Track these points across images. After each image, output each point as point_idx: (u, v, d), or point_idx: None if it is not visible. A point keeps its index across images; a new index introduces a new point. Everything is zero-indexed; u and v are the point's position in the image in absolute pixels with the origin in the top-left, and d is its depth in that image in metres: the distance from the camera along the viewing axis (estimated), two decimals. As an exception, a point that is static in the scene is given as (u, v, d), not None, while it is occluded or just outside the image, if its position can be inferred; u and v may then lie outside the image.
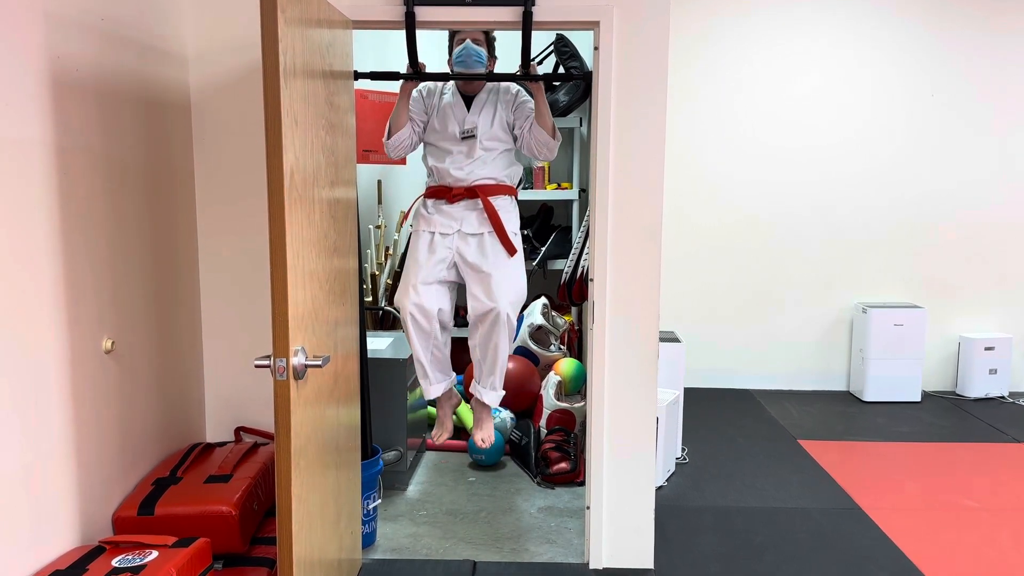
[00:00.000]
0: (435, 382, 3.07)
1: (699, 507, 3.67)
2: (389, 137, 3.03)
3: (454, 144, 2.93)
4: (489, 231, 2.89)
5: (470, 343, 3.04)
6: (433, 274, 2.92)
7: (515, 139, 3.04)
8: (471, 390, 3.11)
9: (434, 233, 2.94)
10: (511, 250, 2.89)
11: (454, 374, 3.19)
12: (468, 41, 2.89)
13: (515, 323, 2.95)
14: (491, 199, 2.90)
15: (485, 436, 3.14)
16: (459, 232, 2.92)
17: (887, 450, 4.47)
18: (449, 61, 3.02)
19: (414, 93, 3.02)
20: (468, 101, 3.00)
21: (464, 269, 2.93)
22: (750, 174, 5.51)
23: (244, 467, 2.84)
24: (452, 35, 3.00)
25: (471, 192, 2.89)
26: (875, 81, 5.41)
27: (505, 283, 2.90)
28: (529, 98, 3.04)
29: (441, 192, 2.93)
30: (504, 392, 3.09)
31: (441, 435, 3.19)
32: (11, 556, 2.11)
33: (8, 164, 2.10)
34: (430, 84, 3.08)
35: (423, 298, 2.89)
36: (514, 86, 3.06)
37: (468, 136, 2.91)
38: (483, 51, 2.93)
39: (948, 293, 5.59)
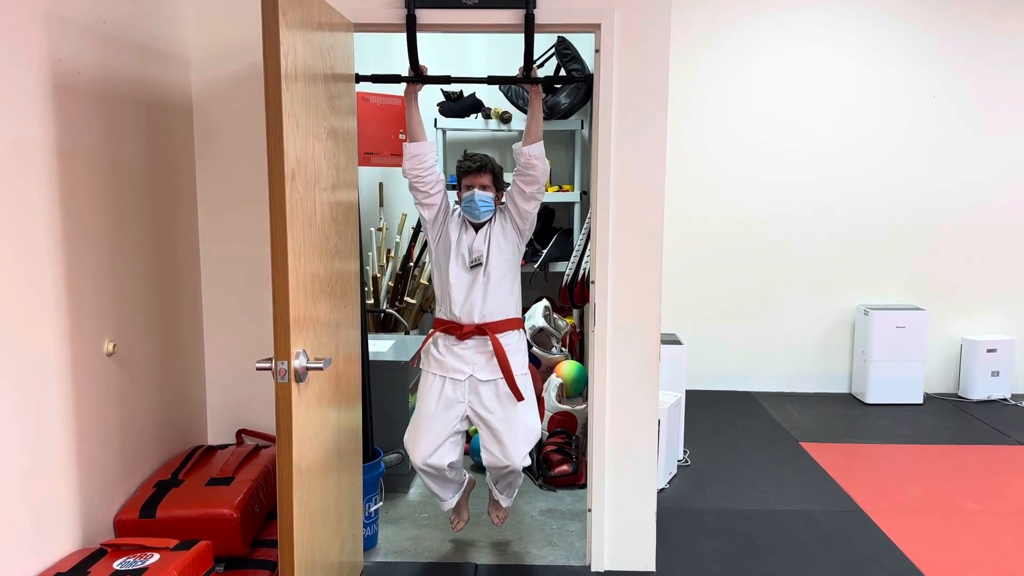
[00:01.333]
0: (446, 498, 3.11)
1: (701, 509, 3.67)
2: (409, 143, 2.94)
3: (462, 272, 2.90)
4: (501, 377, 2.89)
5: (487, 475, 3.09)
6: (445, 432, 2.92)
7: (516, 215, 2.95)
8: (488, 483, 3.14)
9: (445, 378, 2.93)
10: (519, 398, 2.90)
11: (467, 476, 3.19)
12: (475, 190, 2.85)
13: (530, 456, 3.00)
14: (500, 336, 2.88)
15: (500, 515, 3.20)
16: (471, 378, 2.91)
17: (889, 452, 4.47)
18: (458, 198, 2.95)
19: (442, 186, 2.96)
20: (476, 227, 2.96)
21: (476, 420, 2.94)
22: (751, 175, 5.51)
23: (245, 470, 2.84)
24: (460, 172, 2.93)
25: (480, 330, 2.88)
26: (876, 82, 5.41)
27: (519, 436, 2.90)
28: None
29: (452, 329, 2.91)
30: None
31: (458, 524, 3.20)
32: (13, 558, 2.11)
33: (9, 166, 2.10)
34: (451, 202, 3.02)
35: (435, 457, 2.91)
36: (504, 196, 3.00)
37: (475, 264, 2.89)
38: (490, 197, 2.88)
39: (950, 295, 5.58)
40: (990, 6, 5.33)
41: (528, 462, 2.93)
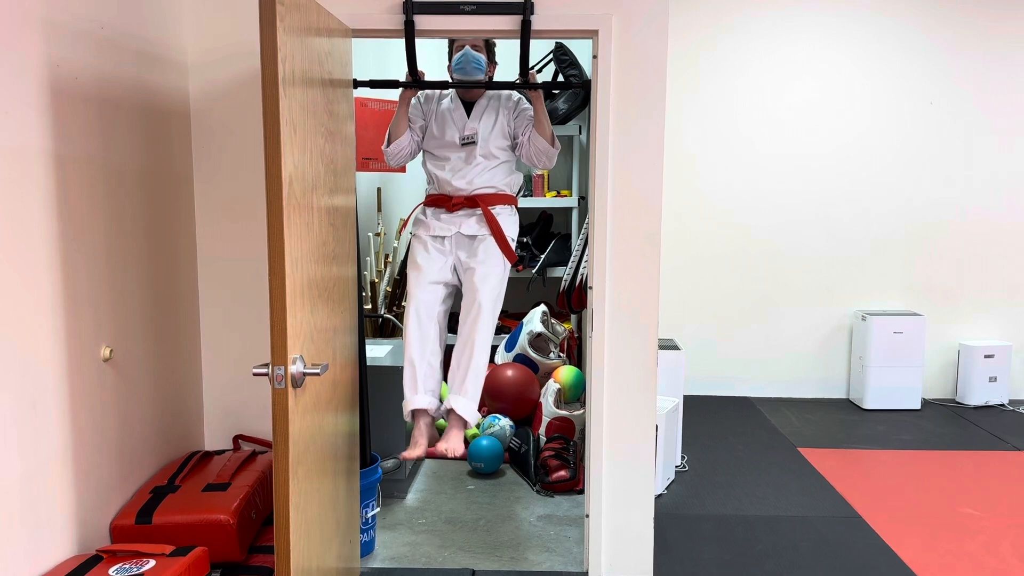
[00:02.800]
0: (422, 391, 2.97)
1: (699, 515, 3.66)
2: (388, 145, 3.04)
3: (454, 151, 2.93)
4: (487, 234, 2.89)
5: (455, 349, 3.02)
6: (433, 274, 2.94)
7: (515, 147, 3.04)
8: (446, 402, 3.01)
9: (433, 237, 2.94)
10: (510, 256, 2.88)
11: (440, 400, 3.11)
12: (467, 48, 2.90)
13: (493, 323, 2.96)
14: (491, 208, 2.89)
15: (450, 447, 2.95)
16: (457, 234, 2.92)
17: (887, 458, 4.46)
18: (449, 67, 3.02)
19: (413, 100, 3.02)
20: (468, 107, 3.00)
21: (460, 271, 2.94)
22: (749, 181, 5.52)
23: (242, 475, 2.83)
24: (452, 41, 3.00)
25: (471, 201, 2.89)
26: (873, 88, 5.43)
27: (490, 278, 2.91)
28: (529, 106, 3.05)
29: (441, 201, 2.93)
30: (479, 411, 3.02)
31: (414, 450, 2.98)
32: (9, 564, 2.10)
33: (7, 172, 2.10)
34: (429, 91, 3.08)
35: (426, 294, 2.91)
36: (515, 94, 3.07)
37: (468, 142, 2.90)
38: (482, 57, 2.93)
39: (948, 300, 5.59)
40: (988, 12, 5.35)
41: (490, 308, 2.90)
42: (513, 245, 2.96)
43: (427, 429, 3.02)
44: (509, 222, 2.98)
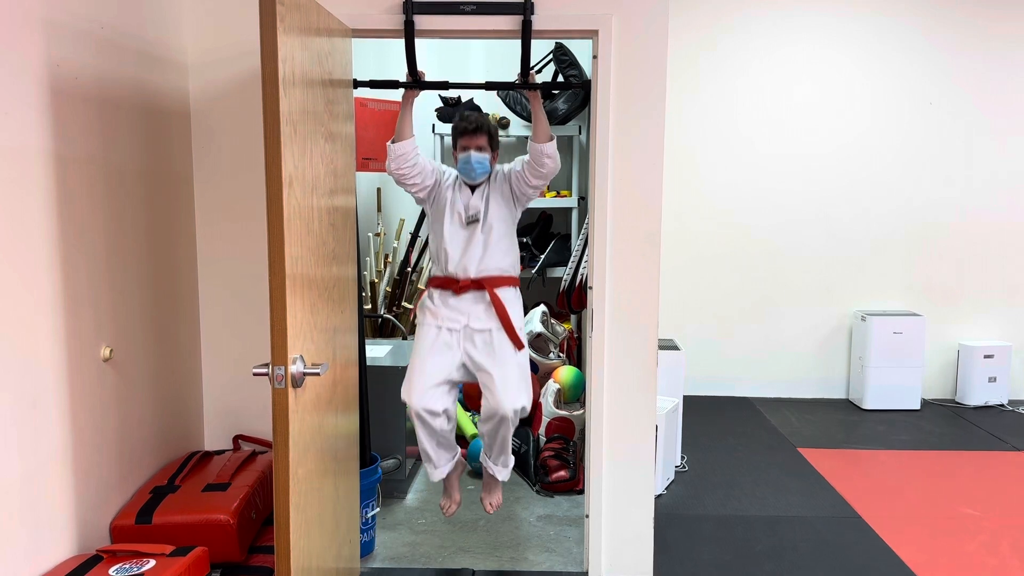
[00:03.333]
0: (439, 465, 3.04)
1: (699, 515, 3.66)
2: (394, 142, 2.97)
3: (458, 229, 2.90)
4: (497, 327, 2.87)
5: (479, 428, 3.05)
6: (440, 375, 2.88)
7: (516, 199, 2.96)
8: (481, 460, 3.09)
9: (440, 328, 2.91)
10: (518, 344, 2.88)
11: (458, 448, 3.14)
12: (472, 151, 2.86)
13: (526, 410, 2.95)
14: (497, 291, 2.88)
15: (493, 501, 3.11)
16: (466, 328, 2.89)
17: (887, 458, 4.46)
18: (454, 156, 2.96)
19: (427, 162, 2.97)
20: (471, 187, 2.97)
21: (472, 368, 2.91)
22: (749, 181, 5.52)
23: (242, 475, 2.84)
24: (456, 132, 2.94)
25: (477, 284, 2.87)
26: (873, 88, 5.43)
27: (511, 384, 2.86)
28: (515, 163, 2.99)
29: (447, 284, 2.90)
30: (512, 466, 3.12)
31: (450, 507, 3.14)
32: (9, 564, 2.10)
33: (7, 172, 2.10)
34: (440, 167, 3.02)
35: (429, 401, 2.86)
36: (506, 166, 3.00)
37: (472, 221, 2.89)
38: (486, 158, 2.89)
39: (947, 301, 5.59)
40: (988, 12, 5.35)
41: (519, 405, 2.87)
42: (520, 332, 2.93)
43: (457, 479, 3.15)
44: (515, 307, 2.95)
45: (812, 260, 5.58)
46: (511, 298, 2.92)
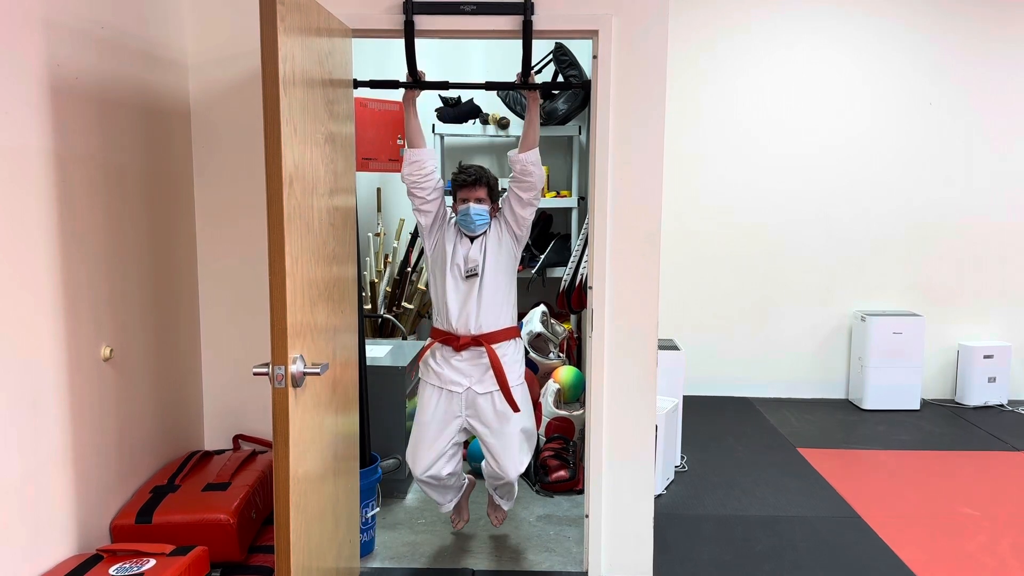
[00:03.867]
0: (445, 502, 3.18)
1: (698, 515, 3.66)
2: (407, 148, 2.94)
3: (458, 283, 2.91)
4: (498, 390, 2.93)
5: (485, 479, 3.15)
6: (443, 445, 2.97)
7: (514, 223, 2.95)
8: (488, 489, 3.22)
9: (443, 390, 2.96)
10: (516, 409, 2.94)
11: (466, 479, 3.27)
12: (471, 204, 2.88)
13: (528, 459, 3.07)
14: (496, 348, 2.90)
15: (499, 516, 3.29)
16: (469, 391, 2.94)
17: (886, 458, 4.46)
18: (454, 207, 2.96)
19: (440, 193, 2.95)
20: (471, 236, 2.96)
21: (474, 429, 2.99)
22: (749, 182, 5.52)
23: (242, 475, 2.84)
24: (456, 185, 2.93)
25: (477, 341, 2.90)
26: (873, 88, 5.43)
27: (514, 450, 2.97)
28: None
29: (449, 340, 2.93)
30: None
31: (459, 523, 3.32)
32: (8, 564, 2.10)
33: (7, 171, 2.10)
34: (448, 209, 3.02)
35: (434, 469, 2.97)
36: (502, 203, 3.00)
37: (471, 275, 2.90)
38: (485, 210, 2.91)
39: (947, 301, 5.59)
40: (988, 13, 5.35)
41: (523, 469, 3.01)
42: (519, 390, 2.99)
43: (466, 502, 3.34)
44: (515, 363, 2.99)
45: (812, 260, 5.59)
46: (510, 353, 2.97)
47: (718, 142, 5.50)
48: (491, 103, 4.85)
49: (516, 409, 2.93)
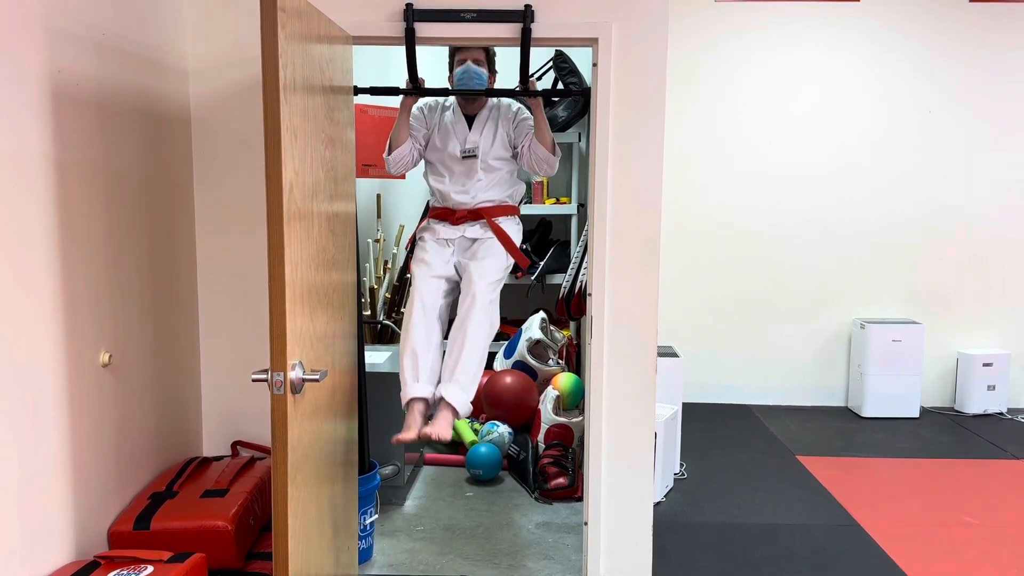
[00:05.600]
0: (423, 381, 2.93)
1: (698, 523, 3.66)
2: (390, 153, 3.05)
3: (455, 163, 2.94)
4: (489, 236, 2.93)
5: (448, 341, 3.00)
6: (437, 268, 3.01)
7: (516, 156, 3.06)
8: (437, 390, 2.97)
9: (438, 239, 3.00)
10: (520, 259, 2.97)
11: (439, 391, 3.08)
12: (469, 62, 2.91)
13: (494, 316, 2.99)
14: (495, 220, 2.91)
15: (436, 431, 2.85)
16: (461, 237, 2.99)
17: (886, 466, 4.46)
18: (450, 78, 3.03)
19: (415, 110, 3.03)
20: (469, 120, 3.01)
21: (461, 270, 3.00)
22: (749, 189, 5.53)
23: (240, 481, 2.83)
24: (452, 52, 3.01)
25: (475, 214, 2.91)
26: (872, 96, 5.44)
27: (487, 272, 2.96)
28: (529, 115, 3.05)
29: (445, 214, 2.95)
30: (471, 404, 2.97)
31: (407, 435, 2.89)
32: (6, 570, 2.10)
33: (7, 177, 2.10)
34: (431, 100, 3.08)
35: (430, 285, 2.99)
36: (515, 103, 3.07)
37: (469, 155, 2.91)
38: (483, 71, 2.94)
39: (946, 308, 5.59)
40: (986, 21, 5.37)
41: (488, 298, 2.95)
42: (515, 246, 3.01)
43: (421, 417, 2.95)
44: (513, 230, 3.01)
45: (811, 267, 5.59)
46: (509, 223, 2.99)
47: (718, 149, 5.51)
48: (491, 110, 4.85)
49: (523, 261, 2.99)
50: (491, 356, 4.23)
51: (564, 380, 4.23)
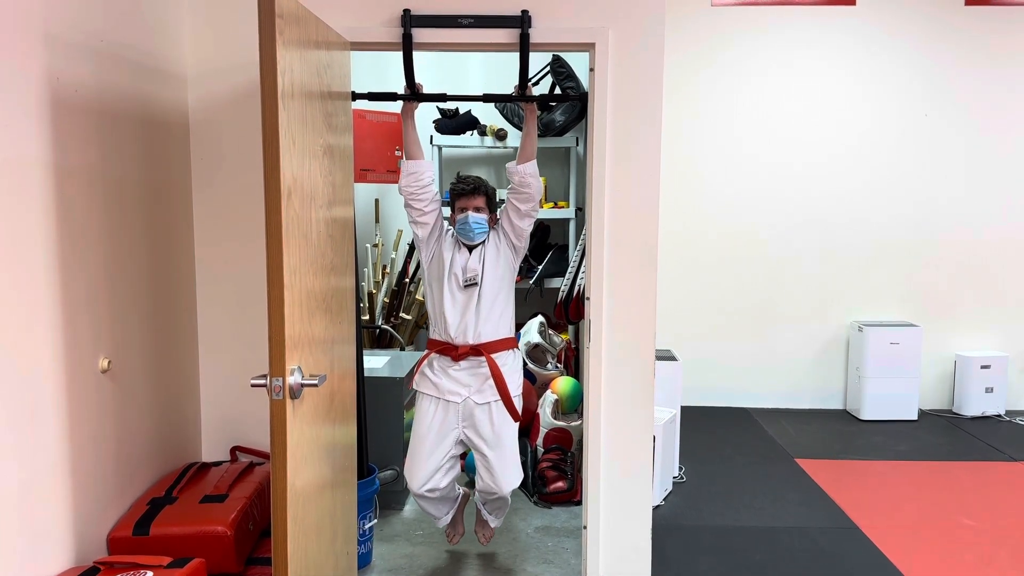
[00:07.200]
0: (441, 516, 3.15)
1: (696, 526, 3.66)
2: (406, 160, 2.96)
3: (456, 291, 2.91)
4: (496, 399, 2.92)
5: (476, 495, 3.12)
6: (440, 460, 2.95)
7: (512, 233, 2.96)
8: (476, 504, 3.18)
9: (440, 400, 2.94)
10: (515, 416, 2.94)
11: (460, 491, 3.23)
12: (470, 213, 2.88)
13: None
14: (496, 357, 2.90)
15: (487, 534, 3.22)
16: (467, 401, 2.93)
17: (884, 469, 4.47)
18: (452, 219, 2.98)
19: (437, 205, 2.97)
20: (469, 248, 2.97)
21: (470, 444, 2.98)
22: (746, 192, 5.54)
23: (240, 487, 2.83)
24: (454, 197, 2.95)
25: (476, 351, 2.89)
26: (869, 100, 5.46)
27: (509, 466, 2.96)
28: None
29: (446, 350, 2.92)
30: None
31: (454, 537, 3.26)
32: (5, 577, 2.10)
33: (6, 183, 2.11)
34: (445, 223, 3.04)
35: (431, 483, 2.95)
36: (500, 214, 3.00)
37: (470, 284, 2.90)
38: (484, 219, 2.91)
39: (944, 311, 5.60)
40: (982, 25, 5.39)
41: (516, 484, 2.99)
42: (516, 401, 2.98)
43: (461, 515, 3.27)
44: (514, 373, 2.99)
45: (809, 271, 5.60)
46: (509, 363, 2.96)
47: (715, 152, 5.52)
48: (489, 115, 4.87)
49: (517, 418, 2.93)
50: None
51: (563, 384, 4.24)
